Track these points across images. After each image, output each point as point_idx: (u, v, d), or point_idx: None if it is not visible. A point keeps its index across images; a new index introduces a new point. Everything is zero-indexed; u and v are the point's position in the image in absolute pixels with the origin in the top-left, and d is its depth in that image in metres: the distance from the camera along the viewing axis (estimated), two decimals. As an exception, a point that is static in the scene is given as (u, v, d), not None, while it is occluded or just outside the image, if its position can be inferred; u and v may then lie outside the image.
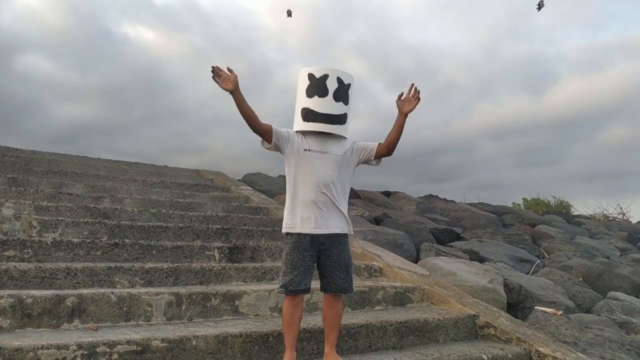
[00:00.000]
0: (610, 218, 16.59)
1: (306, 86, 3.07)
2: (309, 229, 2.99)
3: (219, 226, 5.33)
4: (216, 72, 2.91)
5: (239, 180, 9.29)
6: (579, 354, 3.70)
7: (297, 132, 3.12)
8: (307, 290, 2.97)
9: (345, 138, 3.16)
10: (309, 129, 3.04)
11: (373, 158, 3.19)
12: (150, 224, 4.92)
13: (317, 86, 3.03)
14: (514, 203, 17.15)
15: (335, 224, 3.06)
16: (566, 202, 16.67)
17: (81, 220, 4.61)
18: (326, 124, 3.02)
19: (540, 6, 5.03)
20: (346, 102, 3.09)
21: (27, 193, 5.30)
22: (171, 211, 5.68)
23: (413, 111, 3.12)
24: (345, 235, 3.12)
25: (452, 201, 12.27)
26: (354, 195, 9.51)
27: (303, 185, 3.04)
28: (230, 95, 2.92)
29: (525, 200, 17.47)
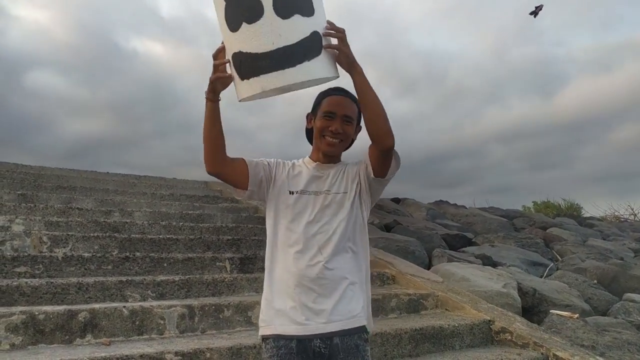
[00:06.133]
0: (622, 219, 16.44)
1: (224, 11, 1.78)
2: (293, 327, 1.86)
3: (230, 237, 5.31)
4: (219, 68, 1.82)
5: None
6: (597, 357, 3.64)
7: (283, 163, 2.09)
8: None
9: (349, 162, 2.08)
10: (254, 92, 1.76)
11: (373, 175, 1.95)
12: (160, 236, 4.91)
13: (239, 3, 1.74)
14: (524, 206, 17.01)
15: (343, 313, 1.87)
16: (576, 204, 16.52)
17: (91, 234, 4.60)
18: (281, 69, 1.70)
19: (536, 12, 4.93)
20: (307, 11, 1.75)
21: (37, 209, 5.30)
22: (181, 223, 5.67)
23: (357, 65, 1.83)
24: (362, 332, 1.90)
25: (463, 206, 12.20)
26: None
27: (285, 252, 1.93)
28: (209, 101, 1.85)
29: (535, 203, 17.33)
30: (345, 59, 1.81)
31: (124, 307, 3.23)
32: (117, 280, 3.66)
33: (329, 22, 1.83)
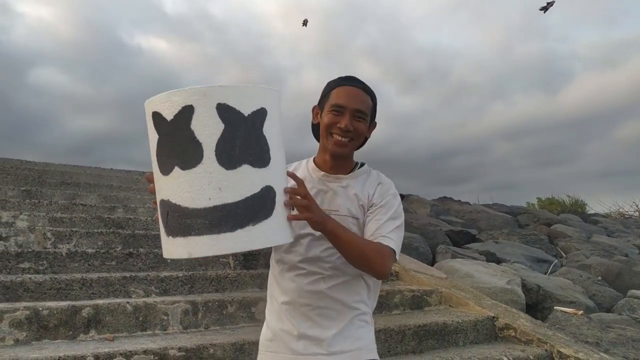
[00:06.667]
0: (627, 216, 16.37)
1: (155, 147, 1.38)
2: (288, 354, 1.68)
3: (233, 233, 5.31)
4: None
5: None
6: (602, 354, 3.63)
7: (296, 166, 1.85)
8: None
9: (366, 173, 1.79)
10: (179, 256, 1.36)
11: None
12: (164, 232, 4.90)
13: (174, 143, 1.34)
14: (528, 203, 16.98)
15: (347, 343, 1.65)
16: (581, 200, 16.46)
17: (95, 230, 4.60)
18: (215, 233, 1.30)
19: (547, 8, 4.85)
20: (261, 161, 1.36)
21: (41, 205, 5.31)
22: (185, 219, 5.66)
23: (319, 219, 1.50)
24: None
25: (467, 203, 12.17)
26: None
27: (283, 275, 1.73)
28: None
29: (539, 199, 17.28)
30: (312, 225, 1.51)
31: (128, 302, 3.23)
32: (121, 276, 3.67)
33: (290, 176, 1.50)
